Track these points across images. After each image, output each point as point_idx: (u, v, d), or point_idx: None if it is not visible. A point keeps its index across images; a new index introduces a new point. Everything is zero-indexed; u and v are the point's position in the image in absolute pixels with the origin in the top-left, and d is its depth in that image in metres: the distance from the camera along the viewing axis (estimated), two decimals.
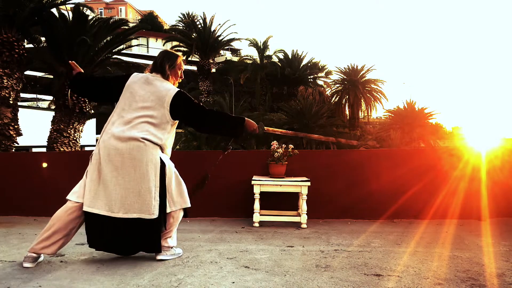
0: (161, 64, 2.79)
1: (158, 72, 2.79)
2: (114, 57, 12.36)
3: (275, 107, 28.77)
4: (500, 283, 2.32)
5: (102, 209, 2.59)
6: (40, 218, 4.55)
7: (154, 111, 2.67)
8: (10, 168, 4.89)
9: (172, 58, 2.82)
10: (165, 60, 2.80)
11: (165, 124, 2.69)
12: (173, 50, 2.94)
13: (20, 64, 9.06)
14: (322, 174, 4.40)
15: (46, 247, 2.60)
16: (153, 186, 2.61)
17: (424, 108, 25.71)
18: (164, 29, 42.22)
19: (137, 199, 2.59)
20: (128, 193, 2.59)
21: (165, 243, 2.78)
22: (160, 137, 2.66)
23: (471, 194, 4.26)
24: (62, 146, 10.26)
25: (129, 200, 2.59)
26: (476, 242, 3.32)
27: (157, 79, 2.76)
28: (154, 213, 2.60)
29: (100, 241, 2.70)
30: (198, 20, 28.94)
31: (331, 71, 31.88)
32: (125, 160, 2.59)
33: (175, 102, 2.68)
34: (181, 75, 2.90)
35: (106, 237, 2.67)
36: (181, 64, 2.88)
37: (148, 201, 2.59)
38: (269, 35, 31.21)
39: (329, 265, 2.66)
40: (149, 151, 2.60)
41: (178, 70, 2.85)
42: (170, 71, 2.80)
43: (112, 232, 2.64)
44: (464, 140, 20.85)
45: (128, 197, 2.59)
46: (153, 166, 2.61)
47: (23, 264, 2.59)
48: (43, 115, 15.04)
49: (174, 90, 2.72)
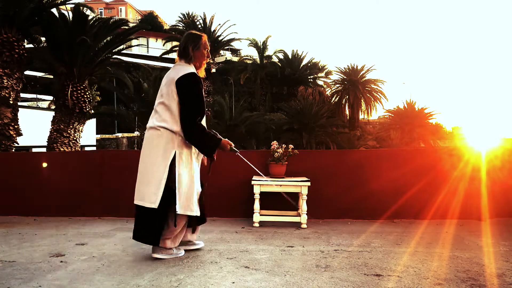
0: (185, 47, 2.78)
1: (182, 58, 2.81)
2: (114, 57, 12.33)
3: (275, 107, 28.77)
4: (500, 283, 2.32)
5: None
6: (40, 218, 4.55)
7: (168, 96, 2.70)
8: (10, 168, 4.89)
9: (196, 39, 2.81)
10: (189, 42, 2.79)
11: (174, 101, 2.68)
12: (196, 32, 2.89)
13: (20, 64, 9.05)
14: (322, 174, 4.40)
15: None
16: (161, 177, 2.66)
17: (424, 108, 25.74)
18: (164, 29, 42.19)
19: (145, 187, 2.69)
20: (141, 181, 2.73)
21: (163, 243, 2.78)
22: (176, 121, 2.69)
23: (471, 194, 4.26)
24: (62, 146, 10.26)
25: (141, 188, 2.72)
26: (476, 242, 3.32)
27: (178, 64, 2.79)
28: (154, 203, 2.64)
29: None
30: (198, 20, 28.94)
31: (331, 71, 31.88)
32: (145, 149, 2.75)
33: (179, 82, 2.66)
34: (208, 54, 2.86)
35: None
36: (206, 43, 2.85)
37: (153, 190, 2.66)
38: (268, 35, 31.16)
39: (329, 265, 2.66)
40: (163, 140, 2.67)
41: (204, 49, 2.83)
42: (194, 53, 2.77)
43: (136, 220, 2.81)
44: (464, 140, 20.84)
45: (141, 185, 2.72)
46: (165, 157, 2.67)
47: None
48: (43, 115, 15.03)
49: (185, 71, 2.69)
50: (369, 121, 31.69)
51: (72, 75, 10.41)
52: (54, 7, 9.77)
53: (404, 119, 25.22)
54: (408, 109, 25.72)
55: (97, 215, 4.60)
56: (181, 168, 2.69)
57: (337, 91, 29.78)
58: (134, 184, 2.81)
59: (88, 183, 4.68)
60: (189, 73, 2.69)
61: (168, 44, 28.82)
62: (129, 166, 4.70)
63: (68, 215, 4.63)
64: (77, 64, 10.37)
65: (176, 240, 2.84)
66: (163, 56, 29.01)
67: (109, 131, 23.19)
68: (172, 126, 2.68)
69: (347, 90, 28.80)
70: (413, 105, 25.81)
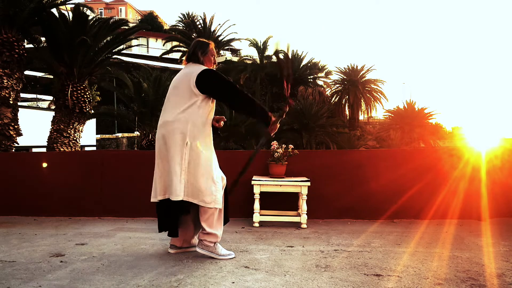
0: (194, 52, 2.92)
1: (190, 61, 2.93)
2: (114, 57, 12.32)
3: (275, 107, 28.74)
4: (500, 283, 2.32)
5: (152, 197, 2.85)
6: (40, 218, 4.55)
7: (184, 91, 2.79)
8: (10, 168, 4.89)
9: (204, 46, 2.95)
10: (198, 48, 2.93)
11: (192, 98, 2.77)
12: (204, 39, 3.04)
13: (20, 64, 9.04)
14: (322, 174, 4.40)
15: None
16: (179, 168, 2.71)
17: (424, 108, 25.74)
18: (164, 29, 42.18)
19: (168, 180, 2.77)
20: (163, 176, 2.79)
21: (203, 236, 2.83)
22: (191, 114, 2.76)
23: (471, 194, 4.26)
24: (62, 146, 10.25)
25: (164, 182, 2.79)
26: (476, 242, 3.32)
27: (190, 64, 2.90)
28: (179, 195, 2.69)
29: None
30: (198, 20, 28.94)
31: (331, 71, 31.86)
32: (161, 145, 2.79)
33: (201, 78, 2.78)
34: (214, 61, 3.00)
35: (159, 220, 2.89)
36: (213, 50, 2.99)
37: (175, 182, 2.70)
38: (269, 35, 31.07)
39: (329, 265, 2.66)
40: (178, 133, 2.73)
41: (211, 56, 2.97)
42: (203, 57, 2.91)
43: (161, 215, 2.86)
44: (464, 140, 20.84)
45: (164, 179, 2.79)
46: (180, 148, 2.73)
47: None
48: (43, 115, 15.01)
49: (203, 68, 2.83)
50: (369, 121, 31.70)
51: (72, 75, 10.40)
52: (54, 7, 9.76)
53: (404, 119, 25.22)
54: (408, 109, 25.72)
55: (97, 215, 4.60)
56: (193, 156, 2.76)
57: (337, 91, 29.78)
58: (133, 184, 2.82)
59: (88, 183, 4.68)
60: (207, 68, 2.86)
61: (168, 44, 28.81)
62: (129, 166, 4.71)
63: (68, 215, 4.63)
64: (77, 64, 10.37)
65: (215, 233, 2.88)
66: (163, 56, 29.00)
67: (109, 131, 23.18)
68: (187, 120, 2.75)
69: (347, 90, 28.80)
70: (413, 105, 25.81)
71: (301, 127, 22.87)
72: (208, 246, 2.82)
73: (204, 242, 2.82)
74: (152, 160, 2.88)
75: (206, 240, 2.82)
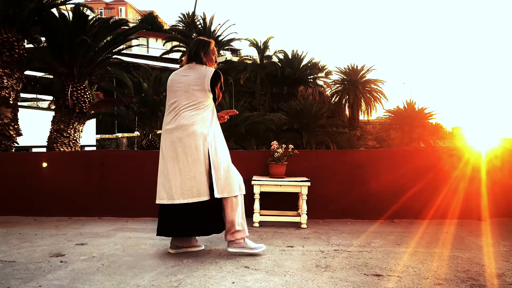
0: (196, 52, 2.91)
1: (192, 61, 2.91)
2: (114, 57, 12.32)
3: (275, 107, 28.76)
4: (500, 283, 2.32)
5: (164, 199, 2.79)
6: (40, 218, 4.55)
7: (198, 93, 2.81)
8: (10, 168, 4.89)
9: (206, 45, 2.94)
10: (200, 48, 2.91)
11: (207, 100, 2.84)
12: (205, 38, 3.04)
13: (20, 64, 9.04)
14: (322, 174, 4.40)
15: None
16: (203, 169, 2.75)
17: (424, 108, 25.77)
18: (164, 29, 42.17)
19: (192, 183, 2.76)
20: (184, 179, 2.76)
21: (231, 237, 2.84)
22: (206, 113, 2.84)
23: (471, 194, 4.26)
24: (62, 146, 10.25)
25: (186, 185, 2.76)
26: (476, 242, 3.32)
27: (195, 65, 2.90)
28: (205, 196, 2.73)
29: (167, 228, 2.88)
30: (198, 20, 28.94)
31: (331, 71, 31.90)
32: (177, 148, 2.76)
33: (213, 79, 2.83)
34: (215, 60, 3.00)
35: (169, 223, 2.85)
36: (214, 49, 2.99)
37: (203, 183, 2.74)
38: (269, 36, 31.13)
39: (329, 265, 2.66)
40: (197, 135, 2.75)
41: (212, 55, 2.97)
42: (205, 58, 2.91)
43: (174, 218, 2.81)
44: (464, 140, 20.86)
45: (185, 182, 2.77)
46: (203, 148, 2.76)
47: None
48: (43, 115, 15.01)
49: (212, 69, 2.89)
50: (369, 121, 31.71)
51: (72, 75, 10.40)
52: (54, 7, 9.76)
53: (404, 119, 25.24)
54: (408, 109, 25.75)
55: (97, 215, 4.60)
56: (213, 155, 2.81)
57: (337, 91, 29.81)
58: (133, 184, 2.82)
59: (88, 183, 4.68)
60: (216, 69, 2.90)
61: (168, 44, 28.82)
62: (129, 166, 4.70)
63: (68, 215, 4.63)
64: (77, 64, 10.37)
65: (241, 228, 2.89)
66: (163, 56, 29.01)
67: (109, 131, 23.18)
68: (202, 120, 2.80)
69: (347, 90, 28.83)
70: (413, 105, 25.84)
71: (301, 127, 22.88)
72: (238, 243, 2.85)
73: (234, 241, 2.85)
74: (153, 160, 2.89)
75: (236, 239, 2.84)
